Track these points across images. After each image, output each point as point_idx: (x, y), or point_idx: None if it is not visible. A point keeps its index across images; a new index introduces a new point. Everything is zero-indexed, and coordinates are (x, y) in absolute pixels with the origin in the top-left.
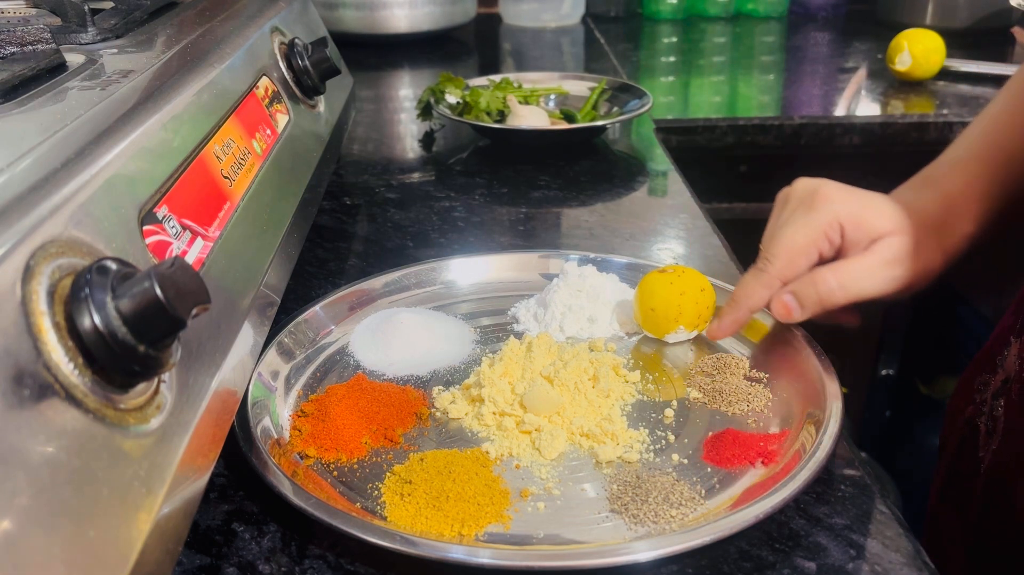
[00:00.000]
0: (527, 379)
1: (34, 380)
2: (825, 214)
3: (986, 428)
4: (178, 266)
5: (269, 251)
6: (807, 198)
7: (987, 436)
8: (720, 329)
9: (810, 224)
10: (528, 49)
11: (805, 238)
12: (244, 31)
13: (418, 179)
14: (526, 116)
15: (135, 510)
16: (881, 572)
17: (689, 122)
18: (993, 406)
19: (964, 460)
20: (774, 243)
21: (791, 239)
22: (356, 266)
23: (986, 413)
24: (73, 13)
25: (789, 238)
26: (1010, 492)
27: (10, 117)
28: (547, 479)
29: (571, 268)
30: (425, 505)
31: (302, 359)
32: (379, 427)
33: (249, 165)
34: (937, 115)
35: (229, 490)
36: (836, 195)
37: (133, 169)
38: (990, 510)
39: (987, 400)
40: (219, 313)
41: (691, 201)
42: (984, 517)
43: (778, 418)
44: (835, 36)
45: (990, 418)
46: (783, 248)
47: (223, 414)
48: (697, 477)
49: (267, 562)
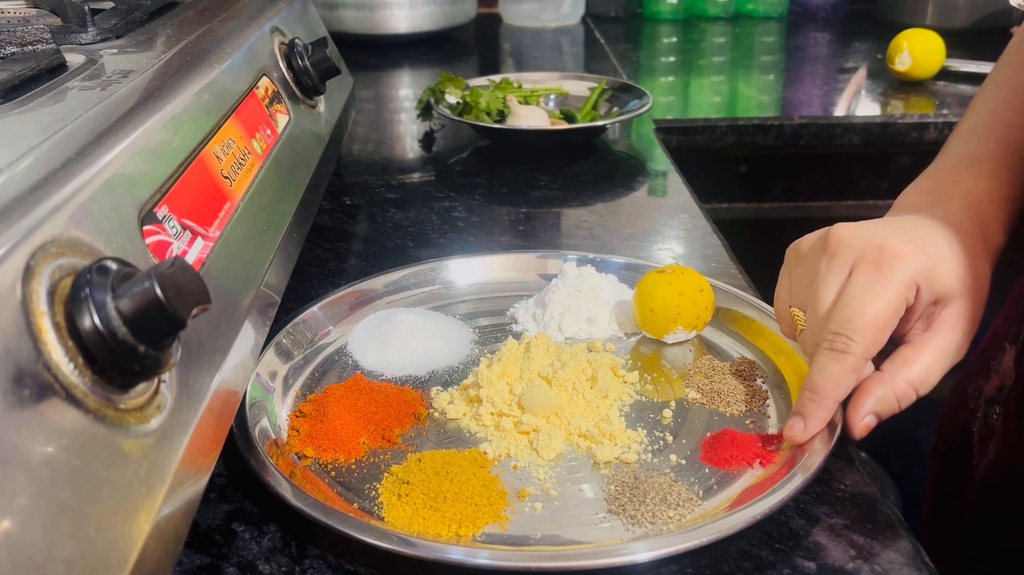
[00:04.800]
0: (525, 379)
1: (34, 380)
2: (903, 277)
3: (980, 435)
4: (178, 266)
5: (269, 251)
6: (872, 255)
7: (981, 443)
8: (808, 431)
9: (890, 291)
10: (528, 49)
11: (889, 310)
12: (244, 31)
13: (418, 179)
14: (526, 116)
15: (135, 510)
16: (881, 572)
17: (689, 122)
18: (987, 412)
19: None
20: (854, 318)
21: (874, 313)
22: (356, 266)
23: (980, 419)
24: (73, 13)
25: (872, 312)
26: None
27: (10, 117)
28: (545, 480)
29: (570, 268)
30: (422, 506)
31: (300, 359)
32: (377, 427)
33: (249, 165)
34: (937, 115)
35: (229, 490)
36: (906, 250)
37: (133, 169)
38: (984, 519)
39: (981, 406)
40: (219, 313)
41: (691, 201)
42: (979, 525)
43: (776, 419)
44: (835, 36)
45: (984, 425)
46: (868, 324)
47: (223, 414)
48: (695, 478)
49: (267, 562)
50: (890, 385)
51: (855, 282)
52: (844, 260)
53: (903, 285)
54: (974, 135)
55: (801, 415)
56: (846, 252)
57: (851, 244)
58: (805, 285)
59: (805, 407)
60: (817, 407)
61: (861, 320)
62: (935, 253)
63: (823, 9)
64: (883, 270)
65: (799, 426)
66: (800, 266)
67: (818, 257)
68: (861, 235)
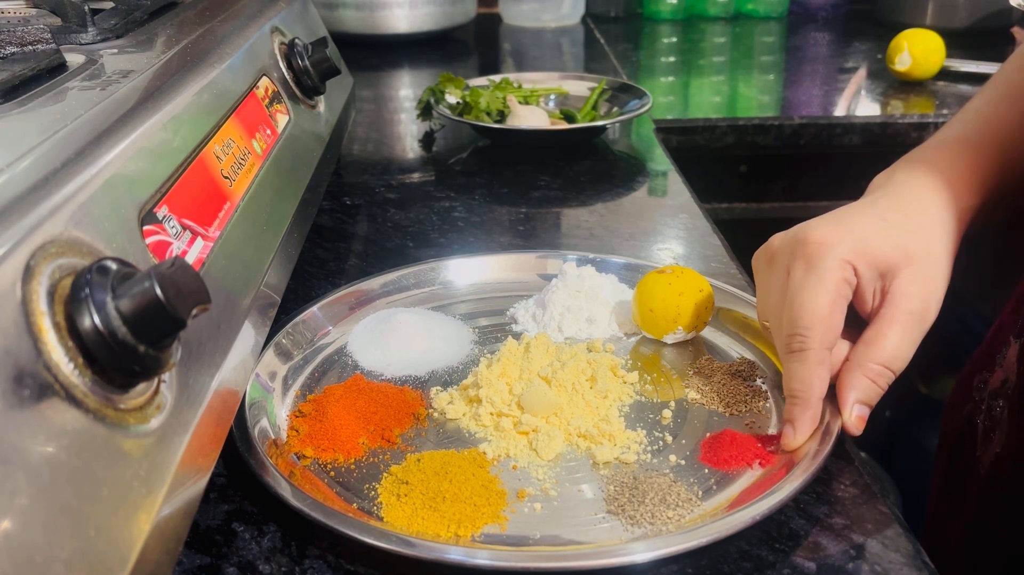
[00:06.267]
0: (525, 380)
1: (34, 380)
2: (832, 263)
3: (984, 427)
4: (178, 266)
5: (269, 251)
6: (800, 251)
7: (985, 435)
8: (799, 436)
9: (824, 280)
10: (528, 49)
11: (827, 298)
12: (244, 31)
13: (418, 179)
14: (526, 116)
15: (135, 510)
16: (881, 572)
17: (689, 122)
18: (992, 406)
19: (962, 459)
20: (798, 315)
21: (815, 305)
22: (356, 266)
23: (984, 411)
24: (73, 13)
25: (813, 305)
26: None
27: (10, 117)
28: (544, 480)
29: (570, 268)
30: (422, 506)
31: (300, 359)
32: (376, 427)
33: (249, 165)
34: (937, 115)
35: (229, 490)
36: (830, 236)
37: (133, 169)
38: (989, 511)
39: (985, 399)
40: (219, 313)
41: (691, 201)
42: (983, 518)
43: (776, 419)
44: (835, 36)
45: (988, 417)
46: (813, 317)
47: (223, 414)
48: (694, 478)
49: (267, 562)
50: (861, 370)
51: (792, 281)
52: (780, 265)
53: (835, 271)
54: (951, 128)
55: (790, 422)
56: (779, 257)
57: (781, 247)
58: (761, 298)
59: (790, 413)
60: (801, 410)
61: (805, 315)
62: (864, 229)
63: (823, 9)
64: (813, 261)
65: (790, 433)
66: (759, 280)
67: (764, 269)
68: (788, 235)
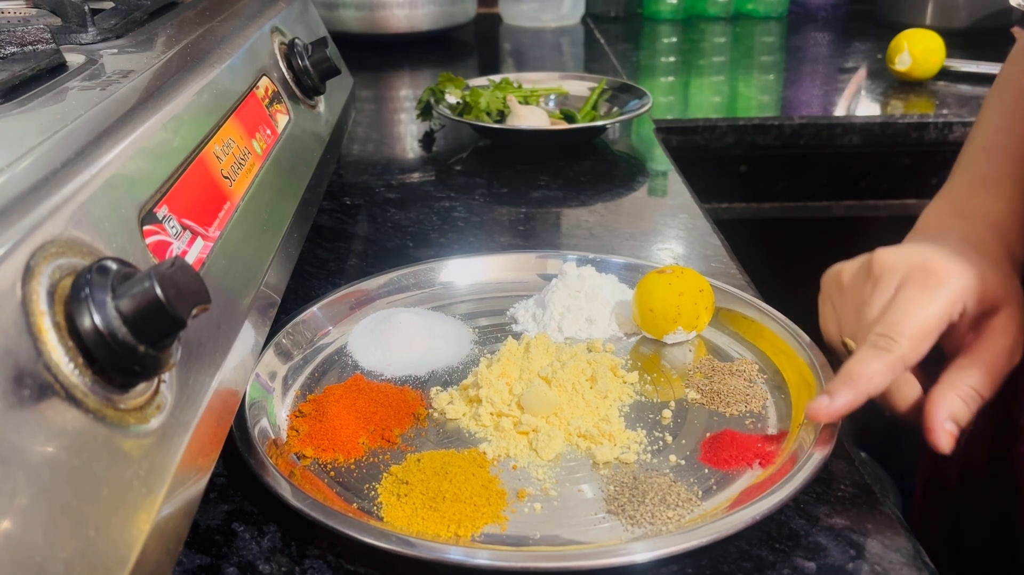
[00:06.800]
0: (525, 380)
1: (34, 380)
2: (948, 292)
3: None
4: (178, 266)
5: (269, 251)
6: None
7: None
8: (832, 408)
9: (937, 303)
10: (528, 49)
11: (935, 319)
12: (244, 31)
13: (418, 179)
14: (526, 116)
15: (135, 510)
16: (881, 572)
17: (689, 122)
18: None
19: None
20: (898, 320)
21: (921, 320)
22: (356, 266)
23: None
24: (73, 13)
25: (917, 317)
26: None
27: (10, 117)
28: (544, 480)
29: (570, 268)
30: (421, 506)
31: (300, 359)
32: (376, 427)
33: (249, 165)
34: (937, 115)
35: (229, 490)
36: (950, 268)
37: (133, 169)
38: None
39: None
40: (219, 313)
41: (691, 201)
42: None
43: (776, 419)
44: (835, 36)
45: None
46: (913, 329)
47: (224, 414)
48: (694, 478)
49: (267, 562)
50: (954, 390)
51: (902, 295)
52: (889, 282)
53: (949, 301)
54: (990, 155)
55: (829, 393)
56: (891, 275)
57: (895, 266)
58: (853, 314)
59: (836, 388)
60: (848, 391)
61: (906, 323)
62: (979, 269)
63: (823, 9)
64: (930, 286)
65: (825, 400)
66: (845, 296)
67: (862, 284)
68: (904, 257)
